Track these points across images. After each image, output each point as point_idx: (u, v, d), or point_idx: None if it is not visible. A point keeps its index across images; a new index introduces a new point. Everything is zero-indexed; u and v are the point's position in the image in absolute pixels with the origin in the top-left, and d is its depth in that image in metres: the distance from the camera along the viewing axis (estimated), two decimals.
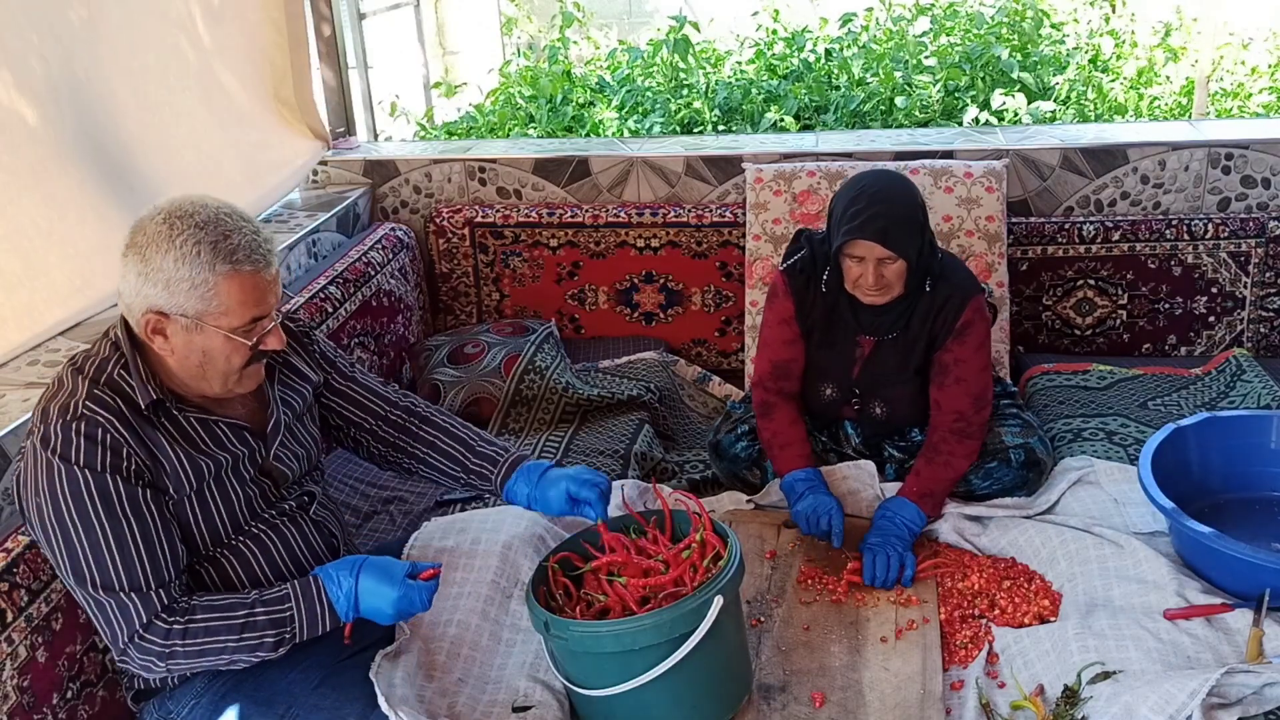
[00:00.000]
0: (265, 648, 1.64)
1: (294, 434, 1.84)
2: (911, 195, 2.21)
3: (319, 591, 1.67)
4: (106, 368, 1.62)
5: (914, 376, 2.35)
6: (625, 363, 3.12)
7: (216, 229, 1.57)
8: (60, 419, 1.57)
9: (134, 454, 1.59)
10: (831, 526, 2.20)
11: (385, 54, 5.06)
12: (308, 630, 1.67)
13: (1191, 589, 1.96)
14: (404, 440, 1.99)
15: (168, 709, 1.74)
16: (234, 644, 1.62)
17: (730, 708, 1.81)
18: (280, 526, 1.78)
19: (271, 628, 1.64)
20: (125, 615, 1.58)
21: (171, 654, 1.60)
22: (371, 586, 1.67)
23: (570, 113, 4.90)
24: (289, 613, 1.65)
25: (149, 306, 1.58)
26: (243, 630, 1.62)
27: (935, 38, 5.05)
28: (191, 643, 1.60)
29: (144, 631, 1.58)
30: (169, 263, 1.55)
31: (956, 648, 1.99)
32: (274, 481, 1.79)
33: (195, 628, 1.60)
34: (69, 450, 1.55)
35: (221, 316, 1.59)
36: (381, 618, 1.68)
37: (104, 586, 1.57)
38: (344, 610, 1.67)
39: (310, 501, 1.86)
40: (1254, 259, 3.06)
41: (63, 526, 1.56)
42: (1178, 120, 4.32)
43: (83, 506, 1.56)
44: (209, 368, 1.63)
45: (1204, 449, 2.26)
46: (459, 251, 3.34)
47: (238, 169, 2.91)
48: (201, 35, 2.86)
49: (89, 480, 1.55)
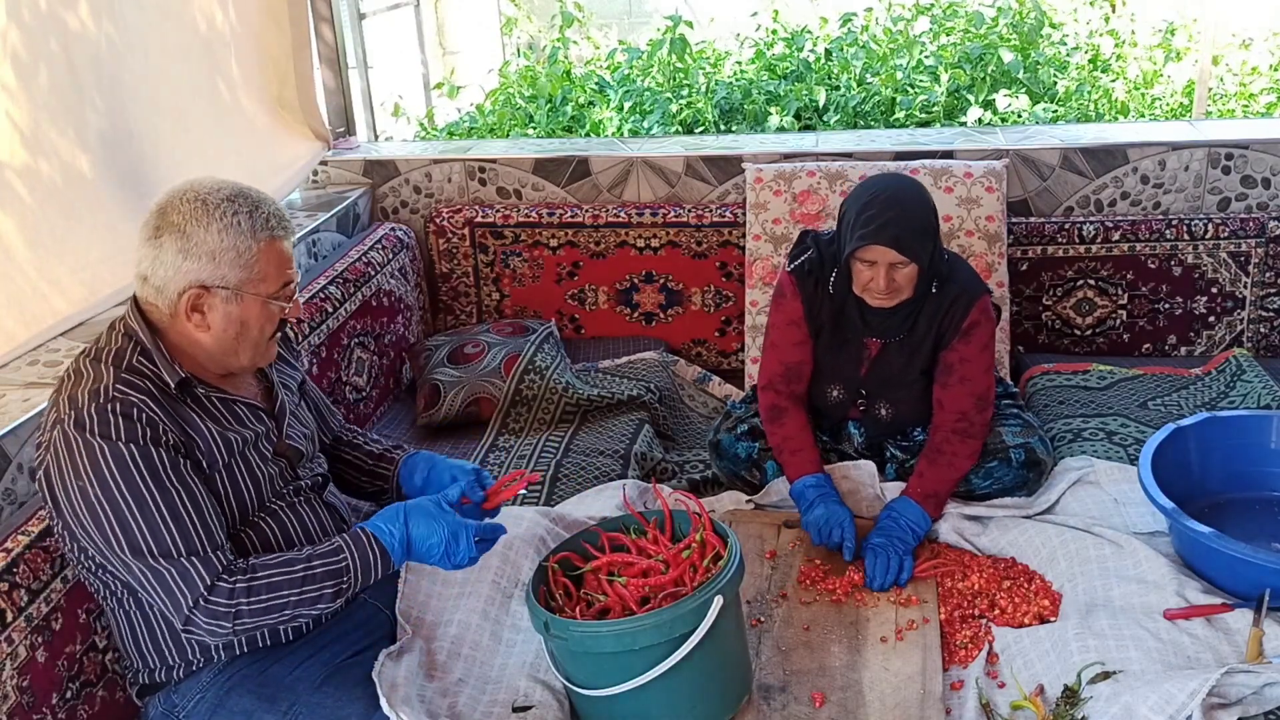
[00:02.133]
0: (325, 599, 1.66)
1: (298, 415, 1.90)
2: (924, 200, 2.21)
3: (371, 542, 1.70)
4: (125, 356, 1.65)
5: (920, 377, 2.35)
6: (625, 363, 3.12)
7: (246, 200, 1.66)
8: (93, 402, 1.58)
9: (169, 430, 1.62)
10: (844, 539, 2.20)
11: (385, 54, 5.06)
12: (362, 579, 1.69)
13: (1191, 589, 1.96)
14: (334, 446, 2.05)
15: (172, 702, 1.74)
16: (296, 597, 1.64)
17: (730, 708, 1.81)
18: (298, 506, 1.81)
19: (330, 579, 1.66)
20: (188, 580, 1.59)
21: (238, 613, 1.61)
22: (422, 525, 1.70)
23: (570, 113, 4.90)
24: (344, 562, 1.67)
25: (191, 282, 1.63)
26: (304, 583, 1.64)
27: (935, 38, 5.05)
28: (256, 600, 1.61)
29: (209, 594, 1.59)
30: (213, 235, 1.62)
31: (956, 648, 1.99)
32: (289, 461, 1.83)
33: (258, 584, 1.62)
34: (108, 429, 1.57)
35: (260, 283, 1.67)
36: (432, 555, 1.70)
37: (163, 554, 1.58)
38: (398, 556, 1.70)
39: (325, 482, 1.91)
40: (1254, 259, 3.06)
41: (113, 502, 1.57)
42: (1178, 120, 4.31)
43: (131, 479, 1.57)
44: (243, 340, 1.69)
45: (1204, 449, 2.26)
46: (459, 251, 3.34)
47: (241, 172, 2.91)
48: (216, 39, 2.88)
49: (134, 453, 1.57)
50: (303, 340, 2.58)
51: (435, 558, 1.71)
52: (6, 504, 1.87)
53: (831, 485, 2.30)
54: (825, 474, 2.32)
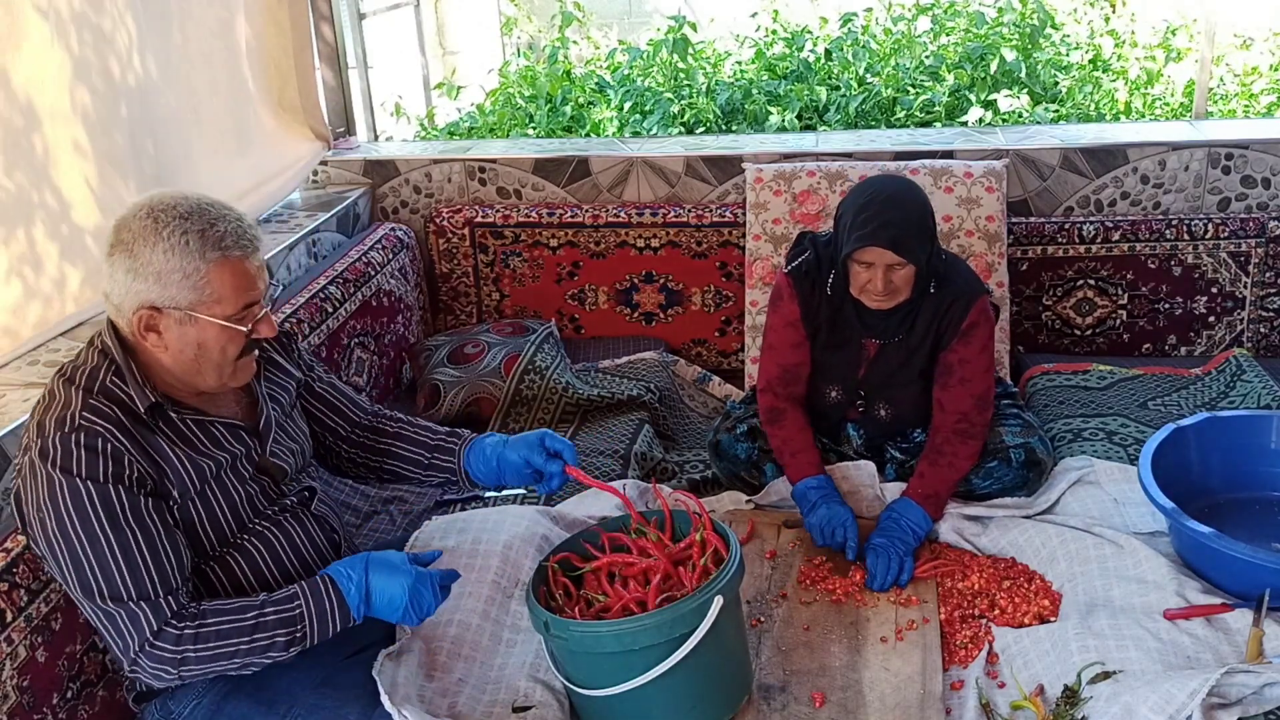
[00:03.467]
0: (277, 648, 1.62)
1: (285, 430, 1.84)
2: (920, 201, 2.21)
3: (328, 588, 1.66)
4: (99, 376, 1.61)
5: (919, 378, 2.35)
6: (625, 363, 3.12)
7: (202, 218, 1.58)
8: (58, 431, 1.55)
9: (135, 461, 1.58)
10: (847, 539, 2.20)
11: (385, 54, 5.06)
12: (318, 628, 1.65)
13: (1191, 589, 1.96)
14: (371, 439, 2.00)
15: (169, 709, 1.74)
16: (245, 646, 1.60)
17: (730, 708, 1.81)
18: (284, 523, 1.78)
19: (282, 627, 1.62)
20: (135, 624, 1.57)
21: (184, 660, 1.58)
22: (383, 577, 1.66)
23: (570, 113, 4.90)
24: (298, 610, 1.64)
25: (141, 303, 1.58)
26: (254, 631, 1.61)
27: (935, 37, 5.04)
28: (204, 647, 1.59)
29: (155, 639, 1.57)
30: (158, 255, 1.56)
31: (956, 648, 1.99)
32: (273, 478, 1.79)
33: (206, 631, 1.59)
34: (70, 462, 1.54)
35: (215, 305, 1.60)
36: (394, 610, 1.67)
37: (112, 597, 1.56)
38: (355, 605, 1.66)
39: (311, 497, 1.86)
40: (1254, 259, 3.06)
41: (67, 540, 1.55)
42: (1178, 120, 4.31)
43: (86, 519, 1.54)
44: (204, 361, 1.63)
45: (1204, 449, 2.26)
46: (459, 251, 3.34)
47: (250, 174, 2.93)
48: (232, 44, 2.90)
49: (91, 492, 1.54)
50: (303, 340, 2.58)
51: (396, 613, 1.67)
52: (6, 503, 1.87)
53: (833, 486, 2.30)
54: (827, 475, 2.32)
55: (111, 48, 2.37)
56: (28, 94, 2.16)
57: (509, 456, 1.91)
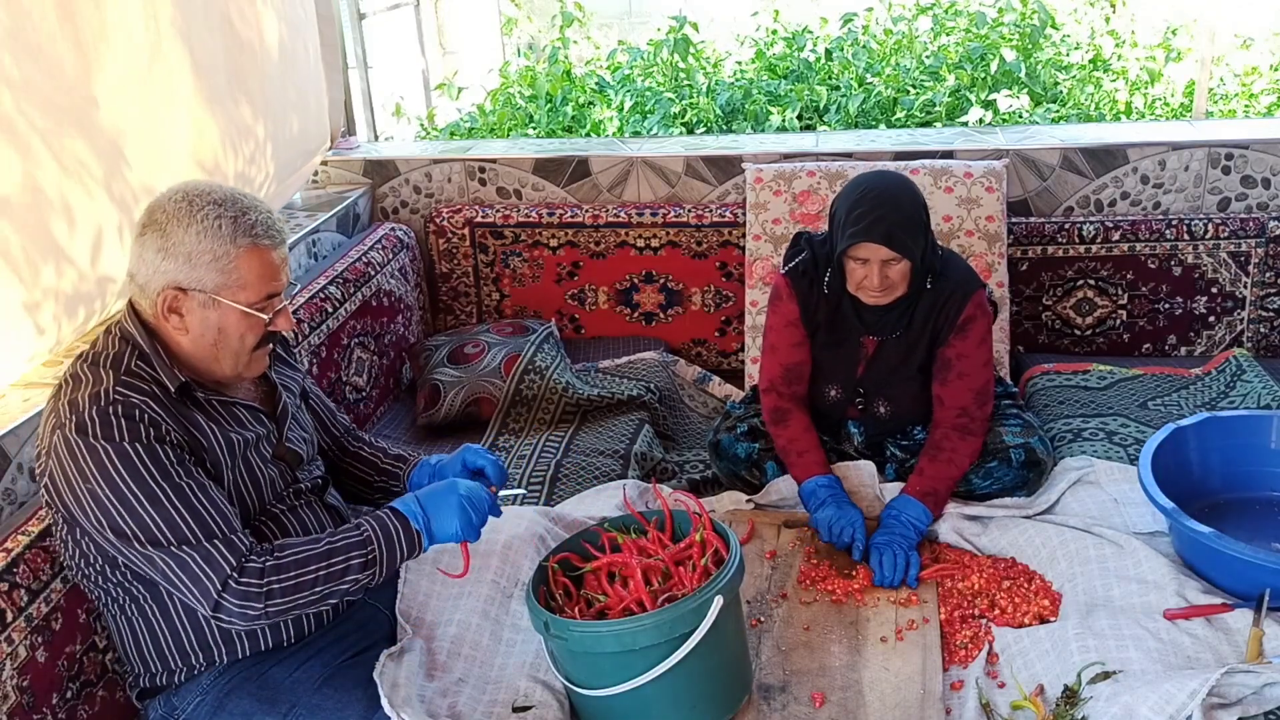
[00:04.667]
0: (353, 570, 1.65)
1: (298, 419, 1.88)
2: (914, 196, 2.22)
3: (389, 513, 1.70)
4: (124, 360, 1.64)
5: (918, 374, 2.36)
6: (625, 363, 3.12)
7: (235, 205, 1.63)
8: (94, 406, 1.57)
9: (173, 429, 1.61)
10: (855, 540, 2.20)
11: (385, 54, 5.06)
12: (386, 550, 1.67)
13: (1191, 589, 1.96)
14: (337, 454, 2.04)
15: (172, 705, 1.74)
16: (324, 571, 1.63)
17: (730, 708, 1.81)
18: (299, 509, 1.81)
19: (355, 549, 1.65)
20: (213, 563, 1.58)
21: (269, 592, 1.59)
22: (433, 492, 1.71)
23: (570, 113, 4.90)
24: (365, 534, 1.67)
25: (168, 283, 1.61)
26: (329, 556, 1.63)
27: (935, 37, 5.05)
28: (285, 577, 1.60)
29: (238, 575, 1.59)
30: (191, 236, 1.60)
31: (956, 648, 1.99)
32: (289, 464, 1.82)
33: (285, 560, 1.62)
34: (111, 431, 1.56)
35: (239, 291, 1.63)
36: (451, 515, 1.69)
37: (182, 541, 1.58)
38: (413, 515, 1.69)
39: (325, 485, 1.90)
40: (1254, 259, 3.06)
41: (124, 500, 1.56)
42: (1178, 120, 4.31)
43: (139, 476, 1.56)
44: (222, 347, 1.67)
45: (1204, 449, 2.26)
46: (459, 251, 3.34)
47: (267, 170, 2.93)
48: (267, 50, 2.91)
49: (139, 451, 1.57)
50: (302, 340, 2.58)
51: (455, 517, 1.69)
52: (6, 504, 1.87)
53: (841, 487, 2.30)
54: (835, 475, 2.32)
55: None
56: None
57: (443, 474, 1.93)
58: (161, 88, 2.41)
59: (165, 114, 2.42)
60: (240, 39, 2.73)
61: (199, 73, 2.53)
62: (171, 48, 2.43)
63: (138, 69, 2.32)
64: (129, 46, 2.28)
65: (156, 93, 2.38)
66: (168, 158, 2.42)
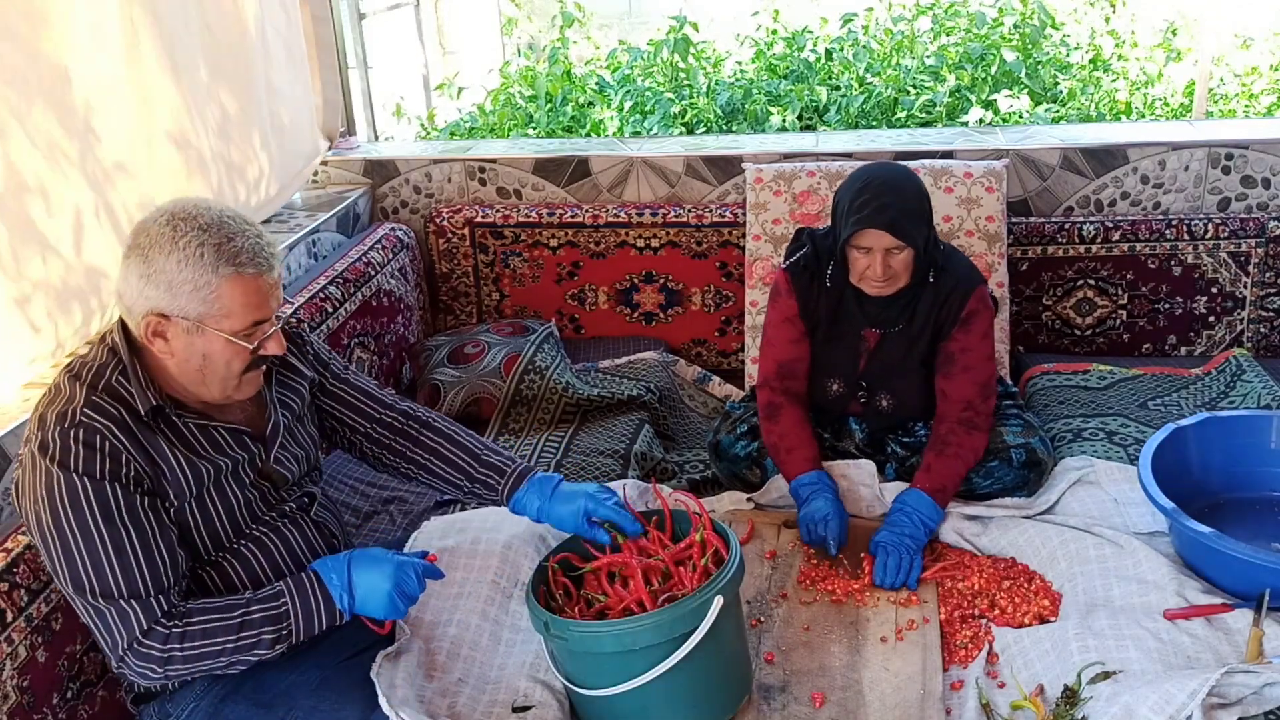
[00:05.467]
0: (263, 645, 1.62)
1: (293, 436, 1.83)
2: (917, 185, 2.23)
3: (314, 584, 1.66)
4: (105, 374, 1.61)
5: (919, 368, 2.36)
6: (625, 363, 3.12)
7: (220, 231, 1.57)
8: (58, 426, 1.55)
9: (133, 460, 1.57)
10: (827, 533, 2.19)
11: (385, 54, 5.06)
12: (304, 625, 1.65)
13: (1191, 589, 1.96)
14: (401, 444, 1.97)
15: (167, 711, 1.73)
16: (231, 645, 1.61)
17: (730, 708, 1.81)
18: (281, 529, 1.78)
19: (268, 624, 1.62)
20: (125, 622, 1.57)
21: (169, 659, 1.58)
22: (365, 570, 1.66)
23: (570, 113, 4.90)
24: (284, 608, 1.64)
25: (150, 308, 1.57)
26: (240, 630, 1.61)
27: (936, 38, 5.05)
28: (189, 646, 1.59)
29: (143, 638, 1.57)
30: (171, 264, 1.55)
31: (956, 648, 1.98)
32: (273, 484, 1.79)
33: (193, 630, 1.59)
34: (67, 458, 1.54)
35: (223, 319, 1.59)
36: (380, 603, 1.66)
37: (103, 595, 1.56)
38: (339, 597, 1.65)
39: (310, 503, 1.85)
40: (1254, 259, 3.06)
41: (61, 535, 1.55)
42: (1178, 120, 4.31)
43: (81, 515, 1.54)
44: (209, 372, 1.62)
45: (1204, 449, 2.26)
46: (459, 251, 3.34)
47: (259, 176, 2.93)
48: (272, 54, 2.91)
49: (87, 488, 1.54)
50: None
51: (382, 601, 1.66)
52: (6, 504, 1.87)
53: (826, 480, 2.29)
54: (822, 470, 2.31)
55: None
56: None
57: (561, 523, 1.89)
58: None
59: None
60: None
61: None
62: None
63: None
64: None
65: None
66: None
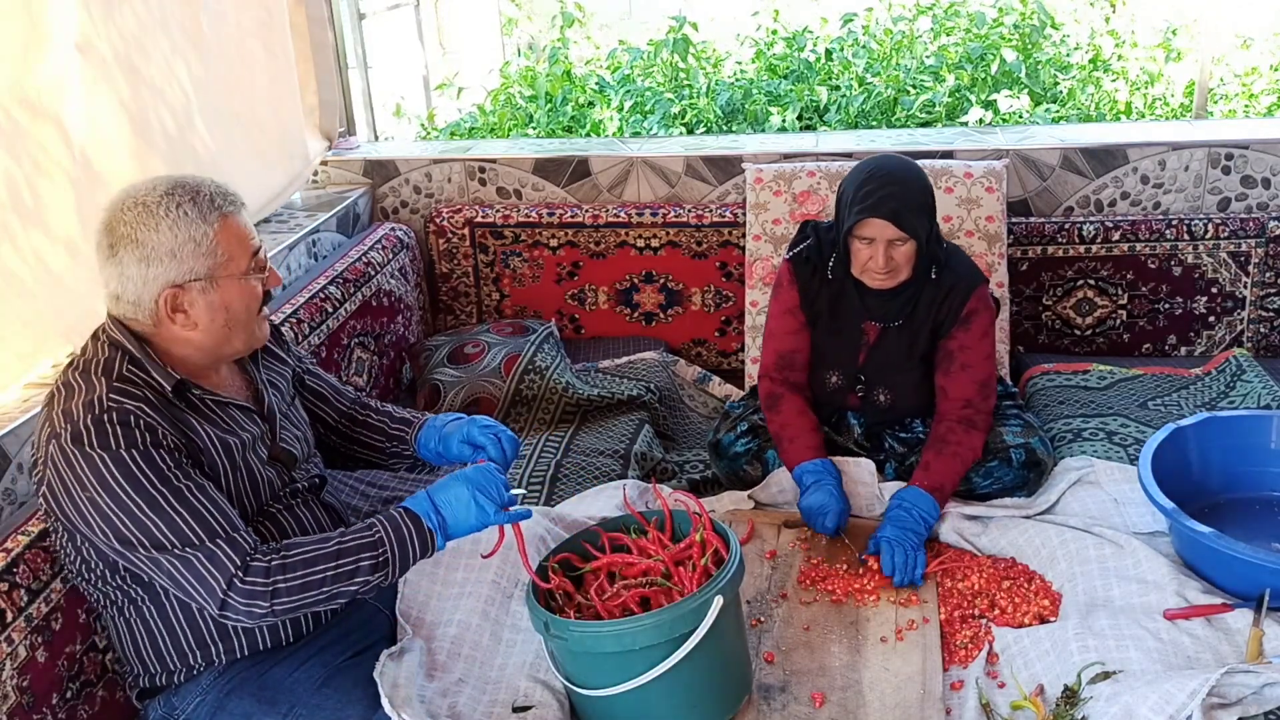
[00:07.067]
0: (362, 572, 1.63)
1: (289, 417, 1.87)
2: (921, 178, 2.24)
3: (400, 512, 1.68)
4: (115, 366, 1.62)
5: (919, 364, 2.36)
6: (625, 363, 3.12)
7: (185, 189, 1.63)
8: (88, 414, 1.56)
9: (169, 433, 1.60)
10: (825, 521, 2.21)
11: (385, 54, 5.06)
12: (399, 551, 1.65)
13: (1191, 589, 1.96)
14: (348, 426, 2.04)
15: (172, 705, 1.74)
16: (332, 571, 1.61)
17: (730, 708, 1.81)
18: (296, 509, 1.80)
19: (365, 551, 1.64)
20: (217, 563, 1.57)
21: (275, 591, 1.58)
22: (444, 489, 1.69)
23: (570, 113, 4.90)
24: (377, 534, 1.65)
25: (163, 285, 1.60)
26: (338, 556, 1.62)
27: (936, 37, 5.05)
28: (292, 576, 1.59)
29: (243, 573, 1.57)
30: (165, 234, 1.59)
31: (956, 648, 1.99)
32: (284, 464, 1.81)
33: (292, 561, 1.60)
34: (107, 439, 1.55)
35: (229, 263, 1.64)
36: (465, 511, 1.68)
37: (186, 544, 1.56)
38: (425, 515, 1.67)
39: (321, 484, 1.89)
40: (1254, 259, 3.06)
41: (125, 508, 1.55)
42: (1178, 120, 4.31)
43: (137, 483, 1.55)
44: (233, 323, 1.67)
45: (1204, 449, 2.26)
46: (459, 251, 3.34)
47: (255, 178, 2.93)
48: (270, 53, 2.90)
49: (135, 458, 1.56)
50: (302, 341, 2.58)
51: (469, 512, 1.68)
52: (6, 504, 1.87)
53: (829, 470, 2.29)
54: (826, 460, 2.31)
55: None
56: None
57: (447, 443, 1.95)
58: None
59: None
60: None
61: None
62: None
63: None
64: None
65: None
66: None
